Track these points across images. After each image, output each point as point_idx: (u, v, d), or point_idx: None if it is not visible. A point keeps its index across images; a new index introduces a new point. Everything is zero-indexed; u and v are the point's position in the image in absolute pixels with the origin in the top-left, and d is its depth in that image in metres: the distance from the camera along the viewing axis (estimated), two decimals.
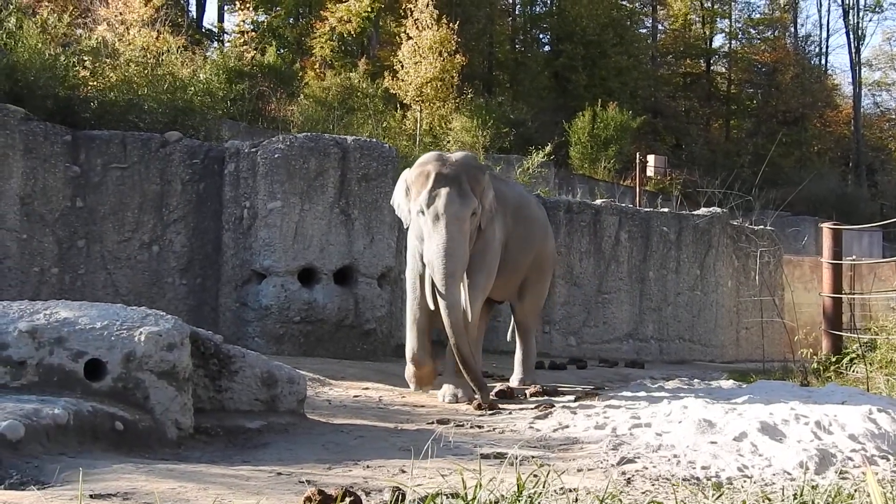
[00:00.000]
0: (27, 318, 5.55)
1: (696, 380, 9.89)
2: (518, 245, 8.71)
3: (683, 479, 4.86)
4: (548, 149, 17.92)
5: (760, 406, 6.76)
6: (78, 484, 3.73)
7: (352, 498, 3.78)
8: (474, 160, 8.31)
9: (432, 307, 7.76)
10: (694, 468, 5.13)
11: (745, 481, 4.80)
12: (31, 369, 5.39)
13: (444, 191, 7.58)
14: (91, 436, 5.05)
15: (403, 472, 4.89)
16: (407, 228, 8.34)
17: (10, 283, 10.70)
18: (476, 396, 7.70)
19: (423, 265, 7.88)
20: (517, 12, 40.37)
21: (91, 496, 3.87)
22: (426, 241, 7.66)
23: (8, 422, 4.59)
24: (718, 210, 15.08)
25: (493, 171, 9.81)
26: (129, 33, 16.67)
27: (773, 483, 4.80)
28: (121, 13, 18.61)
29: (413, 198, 7.88)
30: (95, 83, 12.97)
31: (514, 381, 9.28)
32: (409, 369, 8.43)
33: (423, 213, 7.65)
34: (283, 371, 6.66)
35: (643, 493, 4.57)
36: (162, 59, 14.46)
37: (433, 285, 7.63)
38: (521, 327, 9.55)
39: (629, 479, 4.90)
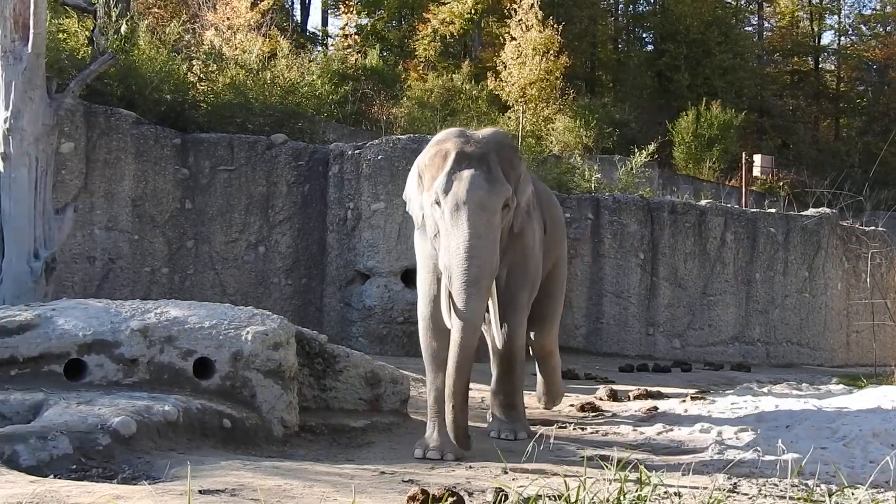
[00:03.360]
0: (139, 317, 5.70)
1: (804, 384, 9.67)
2: (546, 252, 6.98)
3: (791, 485, 4.76)
4: (651, 148, 17.67)
5: (872, 411, 6.60)
6: (187, 479, 3.82)
7: (455, 498, 3.79)
8: (507, 138, 6.42)
9: (449, 325, 5.70)
10: (802, 473, 5.02)
11: (856, 487, 4.69)
12: (143, 367, 5.53)
13: (466, 173, 5.65)
14: (200, 433, 5.17)
15: (506, 473, 4.89)
16: (417, 230, 6.34)
17: (123, 283, 11.00)
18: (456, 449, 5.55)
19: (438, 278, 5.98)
20: (619, 12, 40.01)
21: (200, 491, 3.96)
22: (443, 239, 5.70)
23: (121, 418, 4.72)
24: (828, 211, 14.75)
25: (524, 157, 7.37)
26: (235, 38, 16.96)
27: (885, 489, 4.68)
28: (228, 18, 18.95)
29: (426, 186, 5.91)
30: (205, 87, 13.24)
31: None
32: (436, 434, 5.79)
33: (438, 203, 5.70)
34: (387, 371, 6.73)
35: (749, 498, 4.50)
36: (273, 63, 14.69)
37: (450, 297, 5.66)
38: (544, 351, 7.67)
39: (735, 483, 4.82)
